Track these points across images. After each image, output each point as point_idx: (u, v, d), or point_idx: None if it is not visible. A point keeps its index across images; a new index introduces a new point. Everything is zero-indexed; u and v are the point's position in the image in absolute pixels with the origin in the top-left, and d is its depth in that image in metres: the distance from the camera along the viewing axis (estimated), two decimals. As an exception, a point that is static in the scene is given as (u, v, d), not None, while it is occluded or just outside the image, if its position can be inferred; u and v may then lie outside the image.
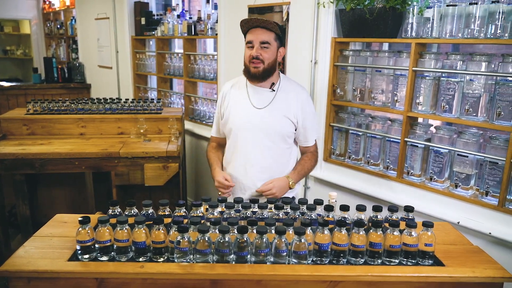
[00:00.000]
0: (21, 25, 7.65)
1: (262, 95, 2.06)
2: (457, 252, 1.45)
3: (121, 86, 5.14)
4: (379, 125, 2.65)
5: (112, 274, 1.27)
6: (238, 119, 2.07)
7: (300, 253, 1.30)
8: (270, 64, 1.98)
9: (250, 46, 1.97)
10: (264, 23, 1.94)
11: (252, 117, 2.04)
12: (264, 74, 1.99)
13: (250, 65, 1.97)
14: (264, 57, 1.95)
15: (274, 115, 2.03)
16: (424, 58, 2.33)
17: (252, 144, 2.05)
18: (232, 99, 2.12)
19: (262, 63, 1.95)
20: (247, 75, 2.03)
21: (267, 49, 1.96)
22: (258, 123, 2.03)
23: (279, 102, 2.05)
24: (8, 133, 3.36)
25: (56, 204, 3.82)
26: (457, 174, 2.25)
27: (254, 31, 1.96)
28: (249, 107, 2.06)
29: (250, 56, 1.96)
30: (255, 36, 1.94)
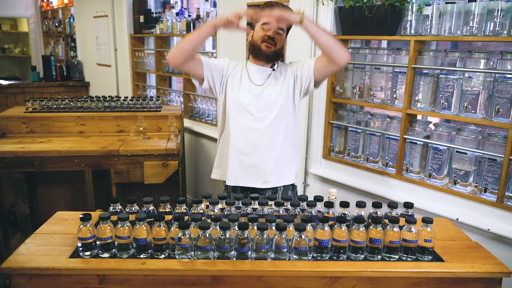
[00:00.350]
0: (19, 23, 7.63)
1: (262, 73, 2.10)
2: (456, 247, 1.47)
3: (120, 84, 5.13)
4: (378, 122, 2.66)
5: (113, 271, 1.27)
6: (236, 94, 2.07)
7: (301, 249, 1.31)
8: (279, 49, 2.07)
9: (267, 28, 2.00)
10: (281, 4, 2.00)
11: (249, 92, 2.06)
12: (274, 55, 2.06)
13: (262, 44, 2.02)
14: (277, 40, 2.03)
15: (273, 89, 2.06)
16: (423, 56, 2.33)
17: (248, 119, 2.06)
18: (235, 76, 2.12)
19: (274, 46, 2.02)
20: (256, 53, 2.06)
21: (280, 35, 2.04)
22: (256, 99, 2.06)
23: (277, 77, 2.10)
24: (7, 131, 3.36)
25: (55, 202, 3.82)
26: (456, 171, 2.26)
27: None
28: (248, 82, 2.09)
29: (264, 36, 2.01)
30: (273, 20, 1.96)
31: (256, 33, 2.06)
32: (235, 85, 2.10)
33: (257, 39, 2.05)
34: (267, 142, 2.07)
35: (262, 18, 1.99)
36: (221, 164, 2.18)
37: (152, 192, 3.50)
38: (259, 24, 2.04)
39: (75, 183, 3.86)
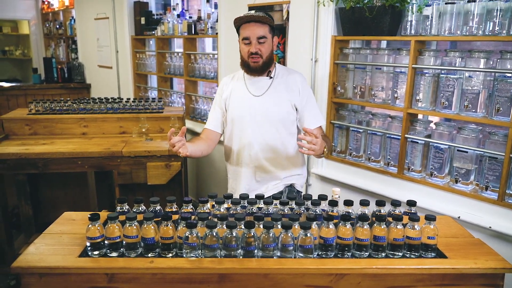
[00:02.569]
0: (19, 25, 7.65)
1: (260, 83, 2.11)
2: (459, 244, 1.49)
3: (121, 85, 5.15)
4: (380, 122, 2.68)
5: (122, 270, 1.29)
6: (237, 108, 2.12)
7: (306, 247, 1.33)
8: (268, 57, 2.04)
9: (247, 42, 2.00)
10: (258, 17, 1.97)
11: (251, 105, 2.09)
12: (263, 67, 2.04)
13: (249, 60, 2.01)
14: (262, 51, 2.00)
15: (273, 100, 2.08)
16: (423, 56, 2.36)
17: (252, 130, 2.08)
18: (231, 90, 2.16)
19: (261, 57, 2.00)
20: (247, 69, 2.07)
21: (264, 44, 2.00)
22: (257, 110, 2.08)
23: (276, 87, 2.10)
24: (10, 133, 3.38)
25: (58, 204, 3.84)
26: (457, 169, 2.29)
27: (248, 26, 1.99)
28: (248, 95, 2.11)
29: (248, 52, 2.00)
30: (251, 32, 1.98)
31: (241, 48, 2.06)
32: (235, 101, 2.12)
33: (244, 55, 2.05)
34: (273, 150, 2.10)
35: (242, 33, 2.00)
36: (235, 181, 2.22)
37: (155, 193, 3.52)
38: (241, 38, 2.03)
39: (78, 185, 3.88)
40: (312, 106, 2.14)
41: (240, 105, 2.11)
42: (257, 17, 1.96)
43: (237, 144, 2.15)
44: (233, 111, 2.13)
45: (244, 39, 2.00)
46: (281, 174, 2.12)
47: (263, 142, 2.09)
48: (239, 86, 2.15)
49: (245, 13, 2.06)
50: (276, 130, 2.08)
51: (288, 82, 2.12)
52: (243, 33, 2.01)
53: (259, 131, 2.08)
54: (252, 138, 2.09)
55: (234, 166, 2.20)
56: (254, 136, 2.09)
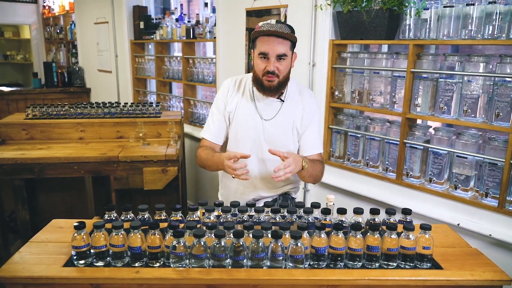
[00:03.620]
0: (21, 30, 7.67)
1: (270, 105, 1.93)
2: (455, 255, 1.44)
3: (120, 90, 5.14)
4: (378, 127, 2.64)
5: (107, 280, 1.26)
6: (243, 129, 1.95)
7: (297, 257, 1.29)
8: (285, 77, 1.84)
9: (264, 57, 1.78)
10: (281, 33, 1.74)
11: (259, 129, 1.94)
12: (278, 87, 1.85)
13: (264, 79, 1.80)
14: (280, 70, 1.79)
15: (280, 127, 1.93)
16: (422, 60, 2.32)
17: (256, 155, 1.95)
18: (237, 105, 1.96)
19: (277, 77, 1.80)
20: (260, 88, 1.87)
21: (283, 61, 1.79)
22: (264, 135, 1.94)
23: (286, 112, 1.95)
24: (7, 138, 3.36)
25: (56, 208, 3.81)
26: (457, 175, 2.24)
27: (268, 40, 1.76)
28: (257, 118, 1.94)
29: (264, 70, 1.79)
30: (270, 48, 1.74)
31: (255, 63, 1.83)
32: (243, 121, 1.95)
33: (258, 72, 1.82)
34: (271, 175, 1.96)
35: (260, 46, 1.78)
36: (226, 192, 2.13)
37: (152, 198, 3.49)
38: (257, 52, 1.80)
39: (75, 190, 3.85)
40: (312, 132, 1.98)
41: (248, 127, 1.94)
42: (281, 33, 1.73)
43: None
44: (239, 131, 1.96)
45: (261, 54, 1.78)
46: (277, 192, 2.07)
47: (262, 166, 1.97)
48: (247, 104, 1.95)
49: (264, 22, 1.81)
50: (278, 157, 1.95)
51: (298, 105, 1.96)
52: (261, 47, 1.77)
53: (260, 155, 1.95)
54: (253, 163, 1.94)
55: (228, 183, 2.08)
56: (255, 161, 1.95)
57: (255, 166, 1.97)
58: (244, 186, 2.01)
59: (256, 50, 1.82)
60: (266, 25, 1.78)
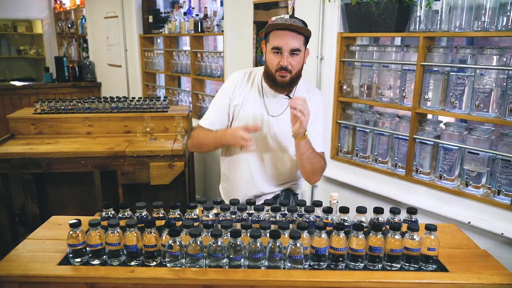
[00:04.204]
0: (33, 25, 7.73)
1: (278, 101, 1.90)
2: (462, 256, 1.38)
3: (130, 84, 5.14)
4: (387, 122, 2.58)
5: (102, 279, 1.24)
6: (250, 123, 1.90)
7: (295, 257, 1.25)
8: (297, 73, 1.80)
9: (277, 52, 1.74)
10: (295, 27, 1.70)
11: (266, 125, 1.90)
12: (291, 83, 1.81)
13: (277, 74, 1.76)
14: (293, 66, 1.75)
15: (287, 124, 1.85)
16: (432, 53, 2.24)
17: (260, 151, 1.93)
18: (245, 99, 1.92)
19: (290, 73, 1.76)
20: (272, 84, 1.83)
21: (296, 56, 1.75)
22: (270, 132, 1.91)
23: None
24: (16, 132, 3.39)
25: (65, 203, 3.84)
26: (468, 172, 2.17)
27: (282, 35, 1.71)
28: (265, 114, 1.91)
29: (278, 65, 1.74)
30: (284, 43, 1.70)
31: (268, 58, 1.79)
32: (250, 116, 1.91)
33: (271, 67, 1.78)
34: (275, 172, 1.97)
35: (273, 41, 1.74)
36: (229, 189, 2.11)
37: (159, 193, 3.49)
38: (270, 47, 1.76)
39: (84, 184, 3.87)
40: (314, 130, 1.90)
41: (254, 122, 1.90)
42: (295, 26, 1.69)
43: (238, 159, 1.99)
44: (242, 122, 1.91)
45: (275, 49, 1.73)
46: (279, 188, 2.03)
47: (267, 163, 1.94)
48: (255, 99, 1.91)
49: (278, 17, 1.77)
50: (282, 154, 1.94)
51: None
52: (275, 41, 1.72)
53: (264, 151, 1.93)
54: (257, 159, 1.93)
55: (230, 177, 2.05)
56: (259, 157, 1.93)
57: (258, 162, 1.95)
58: (247, 182, 1.98)
59: (269, 44, 1.77)
60: (279, 19, 1.74)
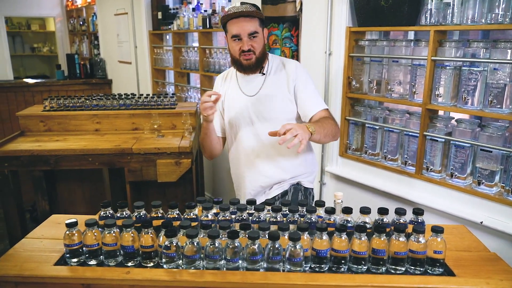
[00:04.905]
0: (46, 22, 7.80)
1: (253, 81, 1.97)
2: (471, 259, 1.32)
3: (140, 81, 5.14)
4: (397, 119, 2.51)
5: (97, 280, 1.22)
6: (233, 111, 1.99)
7: (295, 260, 1.21)
8: (261, 52, 1.90)
9: (237, 39, 1.85)
10: (247, 12, 1.82)
11: (245, 105, 1.96)
12: (257, 63, 1.91)
13: (241, 58, 1.88)
14: (255, 47, 1.86)
15: (267, 99, 1.94)
16: (444, 47, 2.17)
17: (252, 134, 1.96)
18: (225, 92, 2.04)
19: (254, 53, 1.87)
20: (239, 68, 1.94)
21: (256, 38, 1.86)
22: (251, 111, 1.95)
23: (271, 84, 1.96)
24: (26, 129, 3.41)
25: (75, 199, 3.85)
26: (480, 170, 2.10)
27: (237, 22, 1.83)
28: (241, 96, 1.98)
29: (240, 50, 1.86)
30: (241, 29, 1.82)
31: (231, 47, 1.91)
32: (230, 103, 2.01)
33: (234, 53, 1.90)
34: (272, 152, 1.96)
35: (231, 29, 1.85)
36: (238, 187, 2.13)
37: (167, 190, 3.47)
38: (229, 36, 1.87)
39: (94, 181, 3.88)
40: (308, 92, 1.95)
41: (234, 106, 1.99)
42: (246, 12, 1.82)
43: (235, 148, 2.05)
44: (229, 114, 2.02)
45: (234, 37, 1.85)
46: (285, 175, 1.99)
47: (261, 144, 1.96)
48: (232, 87, 2.02)
49: (230, 6, 1.90)
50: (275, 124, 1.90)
51: (281, 75, 1.96)
52: (232, 30, 1.85)
53: (256, 133, 1.95)
54: (249, 141, 1.97)
55: (236, 171, 2.10)
56: (251, 139, 1.97)
57: (253, 143, 1.97)
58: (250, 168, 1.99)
59: (229, 34, 1.88)
60: (232, 9, 1.86)
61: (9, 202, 3.17)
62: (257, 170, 1.99)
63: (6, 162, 2.98)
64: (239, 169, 2.06)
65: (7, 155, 2.96)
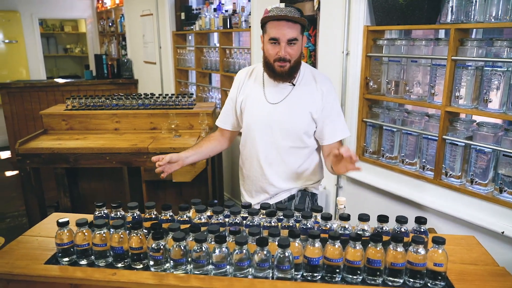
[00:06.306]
0: (79, 24, 8.03)
1: (280, 88, 1.87)
2: (476, 274, 1.22)
3: (164, 81, 5.19)
4: (416, 121, 2.40)
5: (84, 281, 1.21)
6: (252, 115, 1.91)
7: (283, 267, 1.16)
8: (296, 61, 1.79)
9: (275, 43, 1.73)
10: (290, 17, 1.69)
11: (265, 113, 1.87)
12: (290, 72, 1.80)
13: (275, 64, 1.76)
14: (291, 55, 1.75)
15: (290, 110, 1.84)
16: (465, 46, 2.05)
17: (267, 142, 1.89)
18: (248, 92, 1.94)
19: (288, 62, 1.76)
20: (271, 73, 1.82)
21: (294, 46, 1.74)
22: (271, 120, 1.86)
23: (297, 96, 1.86)
24: (49, 128, 3.49)
25: (96, 197, 3.92)
26: (503, 177, 1.97)
27: (278, 25, 1.71)
28: (263, 102, 1.88)
29: (276, 55, 1.74)
30: (281, 33, 1.70)
31: (266, 49, 1.79)
32: (251, 107, 1.92)
33: (269, 57, 1.78)
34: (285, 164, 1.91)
35: (270, 32, 1.73)
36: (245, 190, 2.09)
37: (183, 190, 3.48)
38: (267, 37, 1.76)
39: (114, 179, 3.94)
40: (334, 118, 1.88)
41: (254, 112, 1.90)
42: (291, 17, 1.69)
43: (248, 152, 1.97)
44: (248, 118, 1.93)
45: (272, 40, 1.73)
46: (294, 185, 1.94)
47: (276, 153, 1.89)
48: (257, 90, 1.92)
49: (273, 6, 1.75)
50: (290, 143, 1.87)
51: (311, 89, 1.87)
52: (271, 32, 1.72)
53: (273, 142, 1.87)
54: (265, 149, 1.89)
55: (245, 170, 2.03)
56: (267, 146, 1.89)
57: (268, 151, 1.91)
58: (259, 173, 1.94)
59: (266, 35, 1.77)
60: (275, 10, 1.72)
61: (31, 198, 3.25)
62: (267, 180, 1.93)
63: (28, 159, 3.05)
64: (249, 170, 1.99)
65: (29, 153, 3.04)
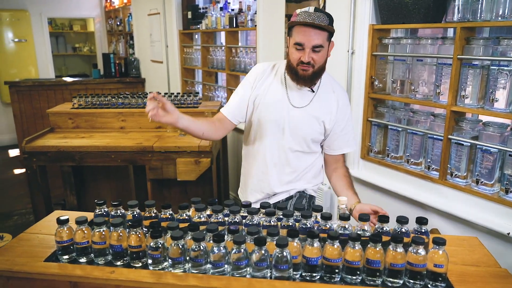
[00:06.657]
0: (87, 23, 8.08)
1: (301, 93, 1.84)
2: (477, 275, 1.21)
3: (170, 80, 5.20)
4: (421, 120, 2.38)
5: (82, 278, 1.21)
6: (269, 113, 1.86)
7: (281, 267, 1.15)
8: (320, 67, 1.76)
9: (300, 48, 1.70)
10: (319, 25, 1.65)
11: (286, 114, 1.85)
12: (313, 77, 1.77)
13: (298, 68, 1.73)
14: (315, 60, 1.71)
15: (308, 117, 1.83)
16: (471, 44, 2.03)
17: (276, 143, 1.87)
18: (267, 89, 1.88)
19: (312, 67, 1.72)
20: (294, 77, 1.78)
21: (319, 53, 1.70)
22: (290, 122, 1.84)
23: (316, 103, 1.85)
24: (55, 126, 3.52)
25: (102, 195, 3.95)
26: (509, 177, 1.94)
27: (305, 30, 1.67)
28: (287, 104, 1.85)
29: (299, 60, 1.71)
30: (306, 39, 1.66)
31: (290, 52, 1.75)
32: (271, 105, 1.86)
33: (292, 61, 1.74)
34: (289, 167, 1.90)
35: (295, 36, 1.69)
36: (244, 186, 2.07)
37: (188, 189, 3.49)
38: (292, 41, 1.72)
39: (120, 178, 3.96)
40: (347, 131, 1.90)
41: (274, 111, 1.85)
42: (318, 24, 1.64)
43: (255, 149, 1.94)
44: (263, 115, 1.87)
45: (297, 44, 1.69)
46: (292, 186, 1.93)
47: (282, 157, 1.88)
48: (278, 89, 1.87)
49: (302, 10, 1.72)
50: (298, 147, 1.86)
51: (329, 100, 1.86)
52: (297, 37, 1.69)
53: (282, 144, 1.86)
54: (272, 150, 1.88)
55: (247, 169, 2.02)
56: (275, 148, 1.87)
57: (275, 153, 1.89)
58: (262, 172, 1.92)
59: (292, 39, 1.73)
60: (303, 14, 1.68)
61: (37, 196, 3.28)
62: (268, 182, 1.92)
63: (34, 157, 3.08)
64: (251, 166, 1.98)
65: (35, 151, 3.07)
